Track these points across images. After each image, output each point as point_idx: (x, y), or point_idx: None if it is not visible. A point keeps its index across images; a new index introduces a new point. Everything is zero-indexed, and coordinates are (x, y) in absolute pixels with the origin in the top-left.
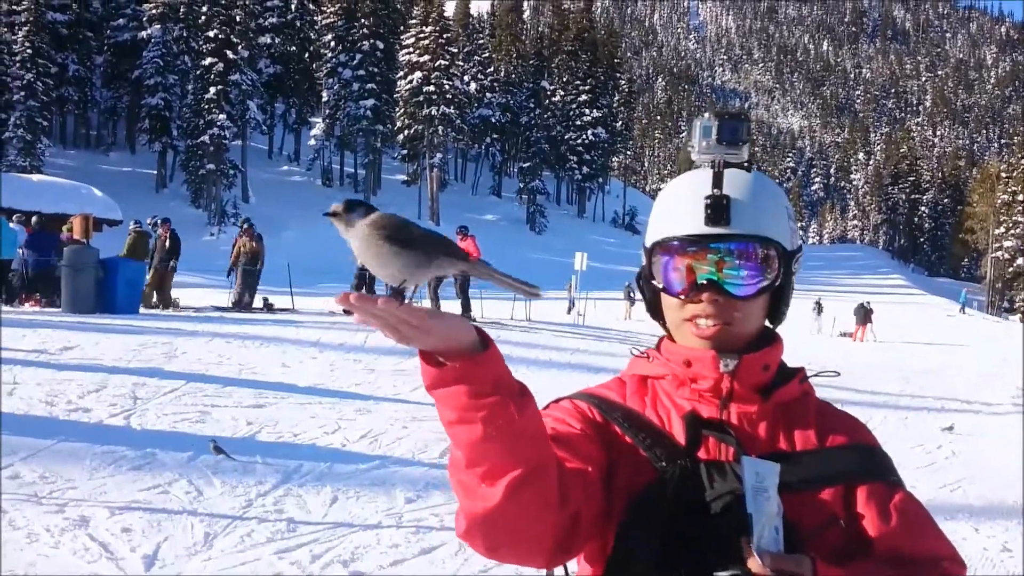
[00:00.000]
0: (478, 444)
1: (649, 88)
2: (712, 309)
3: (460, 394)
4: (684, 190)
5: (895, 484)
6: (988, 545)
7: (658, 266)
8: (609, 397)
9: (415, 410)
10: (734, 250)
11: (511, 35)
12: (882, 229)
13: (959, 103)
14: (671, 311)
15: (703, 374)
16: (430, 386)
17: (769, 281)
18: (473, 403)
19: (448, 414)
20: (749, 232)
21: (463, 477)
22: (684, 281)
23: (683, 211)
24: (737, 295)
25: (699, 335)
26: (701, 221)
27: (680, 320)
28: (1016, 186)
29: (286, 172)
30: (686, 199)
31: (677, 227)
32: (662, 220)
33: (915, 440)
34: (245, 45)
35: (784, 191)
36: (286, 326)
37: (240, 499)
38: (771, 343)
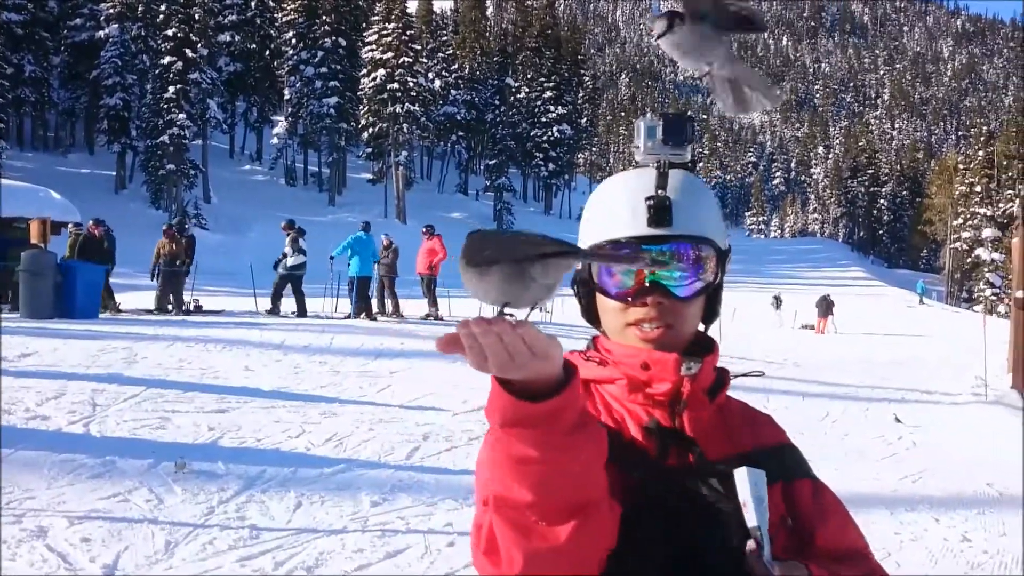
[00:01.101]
0: (551, 482)
1: (613, 84)
2: (656, 312)
3: (552, 432)
4: (623, 191)
5: (816, 480)
6: (948, 535)
7: (597, 269)
8: None
9: (381, 412)
10: (679, 251)
11: (475, 32)
12: (842, 222)
13: (917, 96)
14: (612, 314)
15: (662, 378)
16: (514, 422)
17: (708, 281)
18: (562, 441)
19: (527, 452)
20: (690, 233)
21: (520, 516)
22: (628, 284)
23: (624, 212)
24: (681, 296)
25: (644, 338)
26: (644, 222)
27: (622, 324)
28: (973, 177)
29: (248, 171)
30: (626, 200)
31: (619, 229)
32: (601, 221)
33: (876, 431)
34: (204, 43)
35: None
36: (250, 328)
37: (202, 506)
38: (711, 344)
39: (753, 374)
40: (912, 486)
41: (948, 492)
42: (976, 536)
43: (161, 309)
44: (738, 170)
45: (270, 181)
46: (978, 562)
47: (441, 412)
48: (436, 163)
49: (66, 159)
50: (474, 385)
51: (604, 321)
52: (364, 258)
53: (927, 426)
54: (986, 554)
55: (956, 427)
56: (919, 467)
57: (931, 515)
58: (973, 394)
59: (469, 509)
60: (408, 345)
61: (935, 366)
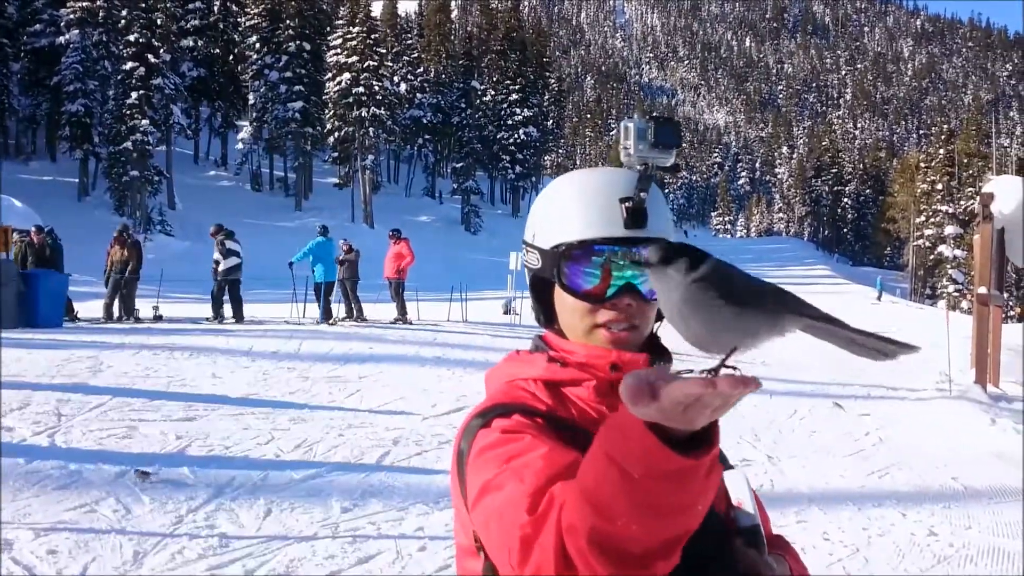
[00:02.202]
0: (676, 525)
1: (579, 87)
2: (626, 313)
3: (699, 479)
4: (594, 191)
5: (742, 471)
6: (915, 530)
7: (567, 269)
8: (540, 409)
9: (351, 417)
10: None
11: (440, 35)
12: (807, 221)
13: (878, 95)
14: (579, 315)
15: None
16: (666, 475)
17: None
18: (703, 485)
19: (681, 499)
20: (660, 234)
21: (626, 552)
22: (600, 285)
23: (596, 213)
24: (651, 298)
25: (613, 340)
26: (620, 223)
27: (590, 325)
28: (935, 176)
29: (213, 177)
30: (598, 200)
31: (593, 229)
32: (570, 221)
33: (843, 428)
34: (167, 49)
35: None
36: (217, 335)
37: (170, 516)
38: (659, 342)
39: (683, 373)
40: (879, 482)
41: (914, 487)
42: (942, 530)
43: (108, 317)
44: (704, 170)
45: (235, 186)
46: (944, 555)
47: (411, 416)
48: (403, 167)
49: (27, 166)
50: (443, 389)
51: (568, 321)
52: (328, 263)
53: (893, 422)
54: (952, 547)
55: (921, 423)
56: (886, 463)
57: (898, 510)
58: (937, 390)
59: (440, 513)
60: (377, 350)
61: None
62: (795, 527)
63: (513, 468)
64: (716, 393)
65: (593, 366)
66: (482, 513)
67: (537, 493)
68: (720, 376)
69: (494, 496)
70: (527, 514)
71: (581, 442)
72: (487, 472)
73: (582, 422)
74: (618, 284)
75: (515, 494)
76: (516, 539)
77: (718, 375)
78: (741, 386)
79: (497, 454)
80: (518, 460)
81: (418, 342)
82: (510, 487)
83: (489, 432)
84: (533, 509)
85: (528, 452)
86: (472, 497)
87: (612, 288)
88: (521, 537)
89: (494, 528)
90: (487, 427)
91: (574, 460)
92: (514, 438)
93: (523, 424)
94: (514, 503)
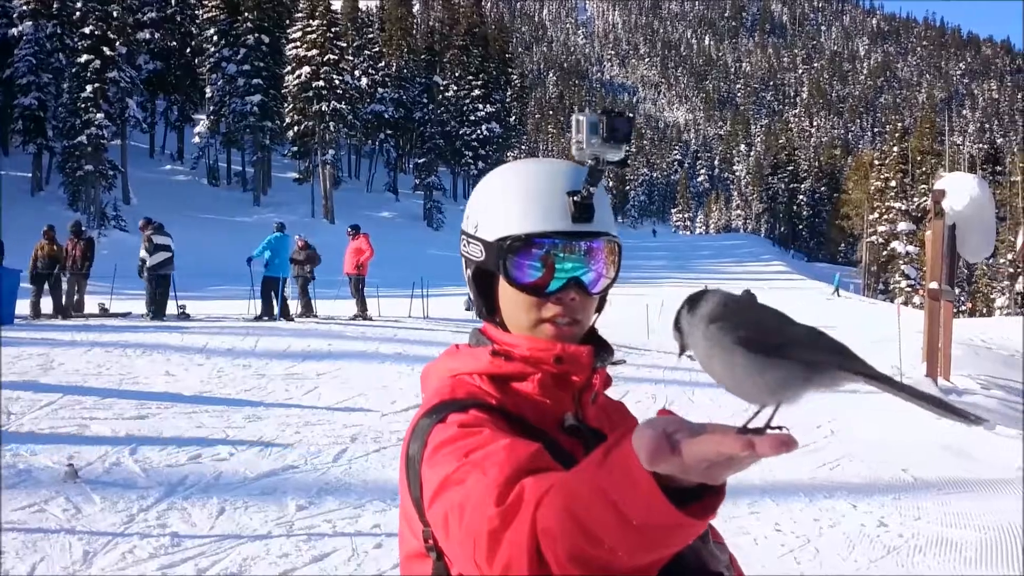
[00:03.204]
0: (667, 555)
1: (541, 83)
2: (570, 307)
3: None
4: (541, 183)
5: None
6: (865, 521)
7: (513, 263)
8: (488, 402)
9: (308, 414)
10: (594, 248)
11: (401, 29)
12: (764, 217)
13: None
14: (524, 309)
15: (577, 372)
16: (683, 526)
17: (614, 277)
18: (701, 527)
19: (676, 543)
20: (604, 229)
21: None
22: (546, 278)
23: (544, 206)
24: (594, 292)
25: (558, 333)
26: (568, 218)
27: (535, 319)
28: (888, 173)
29: (169, 171)
30: (546, 193)
31: (540, 222)
32: (516, 213)
33: (795, 421)
34: (123, 41)
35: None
36: (171, 332)
37: (121, 515)
38: (596, 335)
39: (617, 363)
40: (830, 473)
41: (865, 479)
42: (892, 521)
43: (35, 315)
44: (664, 167)
45: (192, 181)
46: (894, 546)
47: (369, 413)
48: (364, 162)
49: None
50: (403, 386)
51: (511, 315)
52: (283, 258)
53: (844, 415)
54: (901, 538)
55: (872, 415)
56: (837, 455)
57: (848, 501)
58: None
59: (397, 510)
60: (336, 346)
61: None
62: (748, 518)
63: (473, 461)
64: (754, 456)
65: (538, 359)
66: (441, 508)
67: (505, 485)
68: (759, 438)
69: (455, 490)
70: (495, 506)
71: (533, 437)
72: (446, 467)
73: (531, 416)
74: (563, 278)
75: (480, 486)
76: (484, 532)
77: (753, 433)
78: (783, 450)
79: (456, 448)
80: (478, 453)
81: (378, 338)
82: (472, 479)
83: (445, 427)
84: (501, 501)
85: (488, 444)
86: (430, 493)
87: (558, 282)
88: (489, 530)
89: (455, 522)
90: (442, 422)
91: (537, 450)
92: (472, 432)
93: (480, 418)
94: (479, 495)
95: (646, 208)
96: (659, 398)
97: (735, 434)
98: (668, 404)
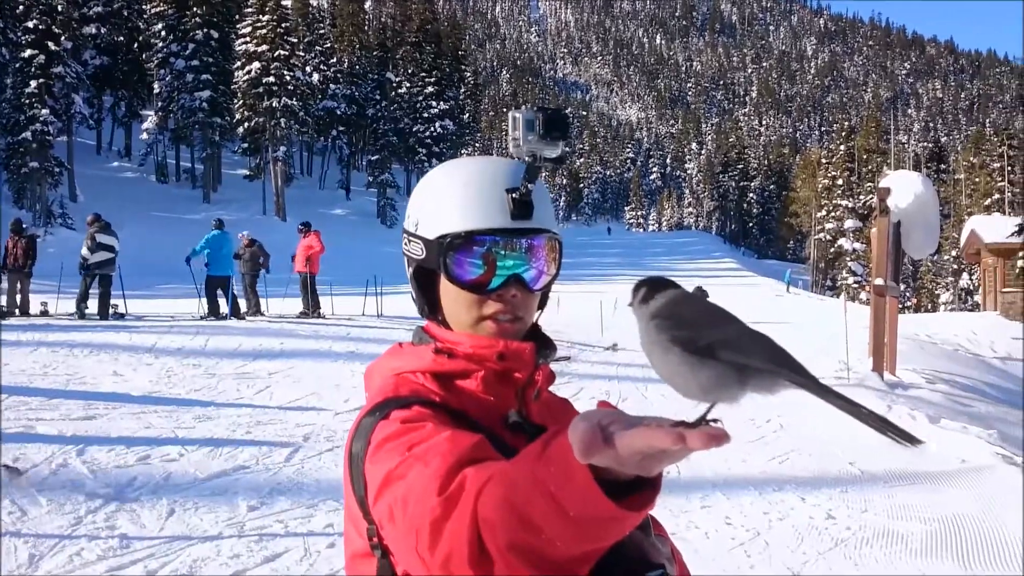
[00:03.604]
0: (605, 544)
1: (494, 80)
2: (511, 304)
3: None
4: (480, 181)
5: None
6: (814, 514)
7: (453, 260)
8: (431, 400)
9: (259, 414)
10: (535, 244)
11: (352, 25)
12: (715, 215)
13: (782, 93)
14: (465, 307)
15: (520, 368)
16: (620, 519)
17: (554, 274)
18: (644, 512)
19: (613, 534)
20: (545, 226)
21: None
22: (486, 276)
23: (484, 203)
24: (535, 289)
25: (500, 331)
26: (507, 215)
27: (477, 317)
28: (835, 171)
29: (117, 168)
30: (485, 191)
31: (479, 220)
32: (456, 211)
33: (746, 415)
34: (68, 36)
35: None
36: (119, 331)
37: (69, 517)
38: (539, 331)
39: (561, 359)
40: (779, 467)
41: (813, 472)
42: (840, 513)
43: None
44: (617, 165)
45: (140, 178)
46: (842, 538)
47: (322, 412)
48: (316, 159)
49: None
50: (357, 384)
51: (453, 312)
52: (221, 256)
53: (793, 409)
54: (849, 531)
55: (820, 409)
56: (786, 448)
57: (797, 495)
58: (836, 377)
59: None
60: (288, 345)
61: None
62: (699, 511)
63: (416, 454)
64: (686, 450)
65: (481, 357)
66: (386, 503)
67: (447, 475)
68: (690, 432)
69: (398, 484)
70: (436, 495)
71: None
72: (389, 462)
73: (474, 413)
74: (504, 275)
75: (422, 477)
76: (426, 522)
77: (686, 427)
78: (713, 444)
79: (399, 443)
80: (420, 446)
81: (331, 337)
82: (415, 471)
83: (388, 424)
84: (443, 490)
85: (431, 438)
86: (375, 489)
87: (498, 279)
88: (431, 520)
89: (400, 515)
90: (385, 419)
91: (479, 440)
92: (415, 427)
93: (423, 413)
94: (422, 486)
95: (600, 206)
96: (612, 395)
97: (668, 428)
98: (621, 400)
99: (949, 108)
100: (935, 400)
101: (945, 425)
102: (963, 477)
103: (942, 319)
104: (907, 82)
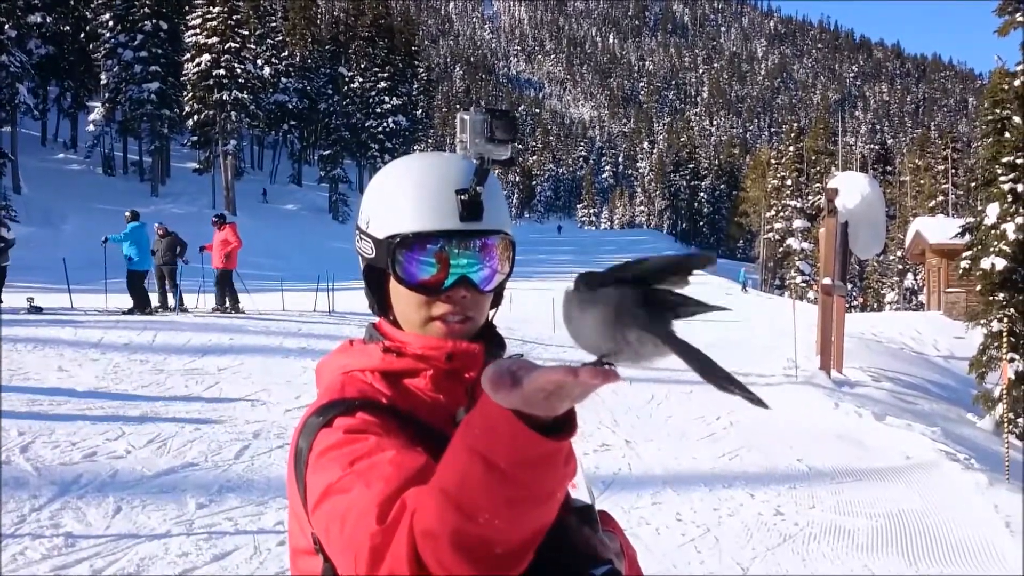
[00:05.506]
0: (543, 517)
1: (448, 77)
2: (461, 305)
3: (560, 466)
4: (430, 181)
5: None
6: (763, 510)
7: (402, 260)
8: (381, 403)
9: (208, 411)
10: (488, 245)
11: (305, 19)
12: (666, 214)
13: (733, 94)
14: (415, 307)
15: (470, 368)
16: (534, 462)
17: (507, 273)
18: (564, 473)
19: (544, 487)
20: (495, 227)
21: (489, 552)
22: (436, 277)
23: (433, 204)
24: (485, 290)
25: (449, 331)
26: (456, 216)
27: (425, 317)
28: (784, 172)
29: (63, 160)
30: (434, 191)
31: (428, 221)
32: (406, 211)
33: (697, 413)
34: (12, 24)
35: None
36: (63, 326)
37: (12, 515)
38: (493, 329)
39: (513, 357)
40: (729, 464)
41: (762, 468)
42: (788, 509)
43: None
44: (570, 163)
45: (86, 170)
46: (790, 534)
47: (273, 409)
48: (268, 152)
49: None
50: (308, 380)
51: (403, 312)
52: (145, 249)
53: (743, 407)
54: (797, 526)
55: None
56: (735, 445)
57: (747, 491)
58: (784, 375)
59: None
60: (238, 341)
61: (751, 349)
62: (650, 508)
63: (358, 471)
64: (577, 383)
65: (430, 356)
66: (324, 517)
67: (387, 502)
68: (582, 367)
69: (339, 499)
70: (377, 523)
71: (424, 435)
72: (330, 474)
73: (421, 413)
74: (454, 276)
75: (363, 501)
76: (366, 548)
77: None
78: (601, 377)
79: (341, 454)
80: (363, 463)
81: (282, 333)
82: (356, 491)
83: (331, 432)
84: (383, 518)
85: (374, 454)
86: (314, 499)
87: (448, 280)
88: (371, 547)
89: (337, 532)
90: (328, 426)
91: (425, 464)
92: (358, 438)
93: (367, 422)
94: (363, 511)
95: (552, 203)
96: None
97: (565, 366)
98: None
99: (895, 111)
100: (880, 398)
101: (890, 422)
102: (908, 473)
103: (888, 318)
104: (855, 85)
